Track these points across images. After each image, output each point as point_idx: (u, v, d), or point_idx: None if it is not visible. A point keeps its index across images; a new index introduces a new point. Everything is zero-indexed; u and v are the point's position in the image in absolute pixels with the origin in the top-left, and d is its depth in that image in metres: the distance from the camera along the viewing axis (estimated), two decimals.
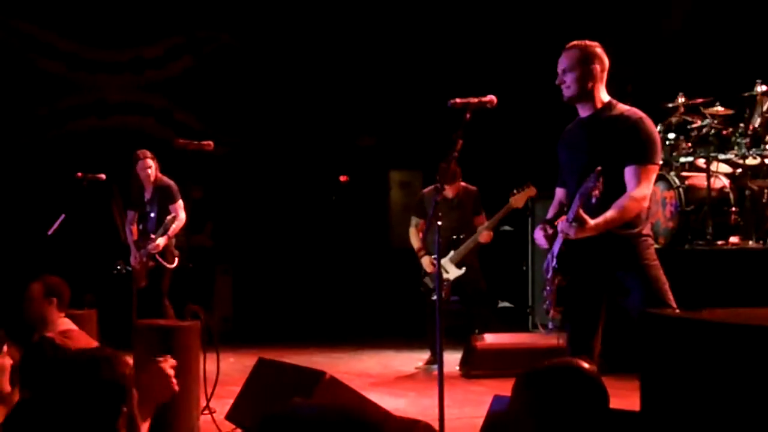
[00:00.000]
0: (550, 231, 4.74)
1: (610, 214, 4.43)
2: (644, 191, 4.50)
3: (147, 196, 8.59)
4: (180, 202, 8.47)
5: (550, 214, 4.93)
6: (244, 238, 12.39)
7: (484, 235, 8.38)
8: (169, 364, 2.81)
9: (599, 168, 4.22)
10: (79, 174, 8.60)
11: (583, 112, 4.74)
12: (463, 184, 8.62)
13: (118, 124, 12.48)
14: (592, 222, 4.37)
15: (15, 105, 11.94)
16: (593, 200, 4.34)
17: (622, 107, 4.69)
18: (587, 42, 4.70)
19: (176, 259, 8.54)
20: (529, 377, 2.44)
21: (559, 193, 4.94)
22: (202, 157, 6.72)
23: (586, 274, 4.68)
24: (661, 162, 4.63)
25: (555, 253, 4.72)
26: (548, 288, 4.76)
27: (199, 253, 10.63)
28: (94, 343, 2.76)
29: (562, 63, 4.67)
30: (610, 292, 4.70)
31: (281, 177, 12.59)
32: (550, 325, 4.92)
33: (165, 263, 8.35)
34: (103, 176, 8.48)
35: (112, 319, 7.96)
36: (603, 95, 4.70)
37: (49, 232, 8.55)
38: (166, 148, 8.23)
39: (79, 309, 7.20)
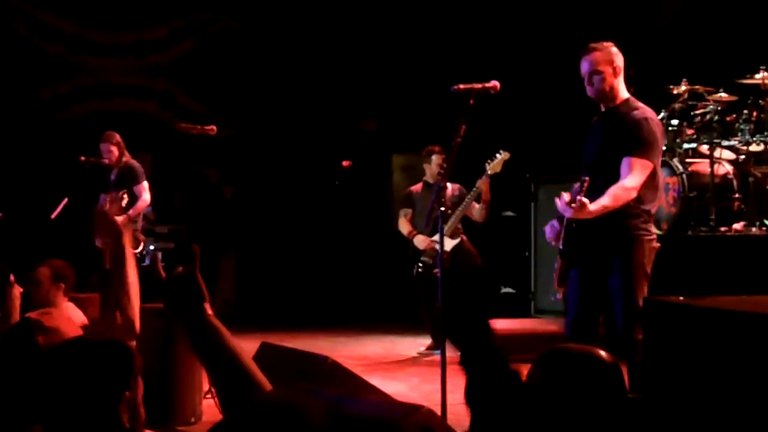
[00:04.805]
0: (557, 227, 4.97)
1: (604, 200, 4.67)
2: (633, 182, 4.71)
3: (112, 177, 8.47)
4: (144, 184, 8.31)
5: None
6: (248, 221, 12.40)
7: (472, 206, 8.29)
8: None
9: (588, 180, 4.57)
10: (82, 157, 8.59)
11: (604, 107, 5.00)
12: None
13: (120, 108, 12.47)
14: (590, 206, 4.58)
15: (18, 87, 11.93)
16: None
17: (637, 105, 4.92)
18: (604, 43, 4.98)
19: (141, 245, 8.41)
20: (544, 360, 2.43)
21: None
22: (205, 140, 6.71)
23: (587, 261, 4.85)
24: (656, 162, 4.84)
25: (563, 237, 4.94)
26: (556, 265, 5.01)
27: (201, 238, 10.65)
28: (77, 327, 2.74)
29: (586, 66, 4.95)
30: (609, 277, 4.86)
31: (284, 161, 12.57)
32: (557, 296, 5.12)
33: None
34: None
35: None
36: (622, 92, 4.96)
37: (52, 216, 8.55)
38: (169, 132, 8.22)
39: (82, 292, 7.21)
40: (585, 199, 4.55)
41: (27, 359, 2.57)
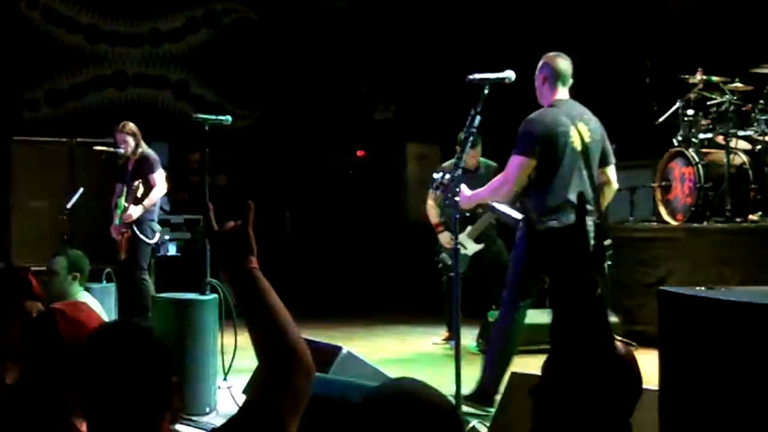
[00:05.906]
0: None
1: (478, 189, 5.45)
2: (502, 177, 5.36)
3: (129, 167, 8.43)
4: (160, 172, 8.29)
5: None
6: (260, 212, 12.41)
7: None
8: None
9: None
10: (97, 148, 8.60)
11: None
12: (482, 159, 8.43)
13: (135, 97, 12.49)
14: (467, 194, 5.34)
15: (35, 76, 11.97)
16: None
17: (541, 107, 5.42)
18: (548, 54, 5.42)
19: (157, 235, 8.37)
20: (553, 357, 2.42)
21: None
22: (219, 131, 6.72)
23: None
24: (527, 155, 5.25)
25: None
26: None
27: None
28: (102, 318, 2.73)
29: None
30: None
31: (298, 151, 12.58)
32: None
33: (141, 235, 8.15)
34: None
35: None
36: (547, 99, 5.40)
37: (68, 206, 8.58)
38: (183, 121, 8.23)
39: (98, 283, 7.24)
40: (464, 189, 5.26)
41: (50, 350, 2.58)
